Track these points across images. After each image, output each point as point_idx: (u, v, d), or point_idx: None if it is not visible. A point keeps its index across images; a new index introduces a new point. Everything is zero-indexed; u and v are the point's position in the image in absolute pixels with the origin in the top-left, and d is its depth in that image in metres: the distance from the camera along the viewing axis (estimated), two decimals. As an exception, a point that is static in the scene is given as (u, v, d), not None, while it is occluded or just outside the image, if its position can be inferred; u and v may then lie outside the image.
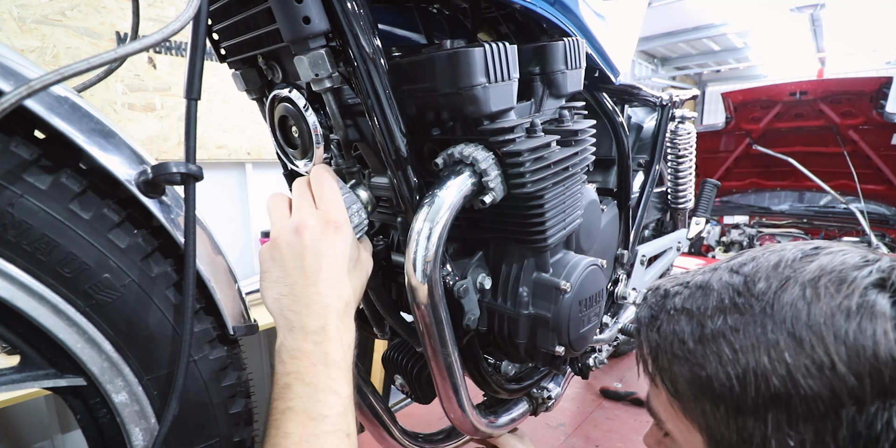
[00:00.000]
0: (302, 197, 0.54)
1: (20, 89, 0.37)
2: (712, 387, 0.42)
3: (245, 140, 1.85)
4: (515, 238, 0.66)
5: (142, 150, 0.49)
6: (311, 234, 0.51)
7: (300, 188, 0.56)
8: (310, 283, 0.50)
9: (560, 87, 0.65)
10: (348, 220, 0.54)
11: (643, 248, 1.18)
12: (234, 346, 0.58)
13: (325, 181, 0.55)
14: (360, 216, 0.56)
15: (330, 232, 0.52)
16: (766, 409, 0.39)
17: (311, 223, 0.51)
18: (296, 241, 0.51)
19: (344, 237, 0.52)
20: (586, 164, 0.68)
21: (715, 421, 0.42)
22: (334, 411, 0.47)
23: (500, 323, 0.70)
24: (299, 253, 0.51)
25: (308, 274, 0.50)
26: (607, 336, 1.01)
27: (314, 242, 0.51)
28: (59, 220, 0.43)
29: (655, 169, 1.18)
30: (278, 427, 0.46)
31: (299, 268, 0.51)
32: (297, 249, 0.51)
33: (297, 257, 0.51)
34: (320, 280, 0.50)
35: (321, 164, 0.57)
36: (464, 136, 0.58)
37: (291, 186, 0.73)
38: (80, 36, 1.42)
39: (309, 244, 0.51)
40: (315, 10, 0.48)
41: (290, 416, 0.46)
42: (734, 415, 0.41)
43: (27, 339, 0.46)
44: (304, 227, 0.51)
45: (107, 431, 0.50)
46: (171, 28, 0.42)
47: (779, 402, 0.39)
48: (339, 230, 0.52)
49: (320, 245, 0.51)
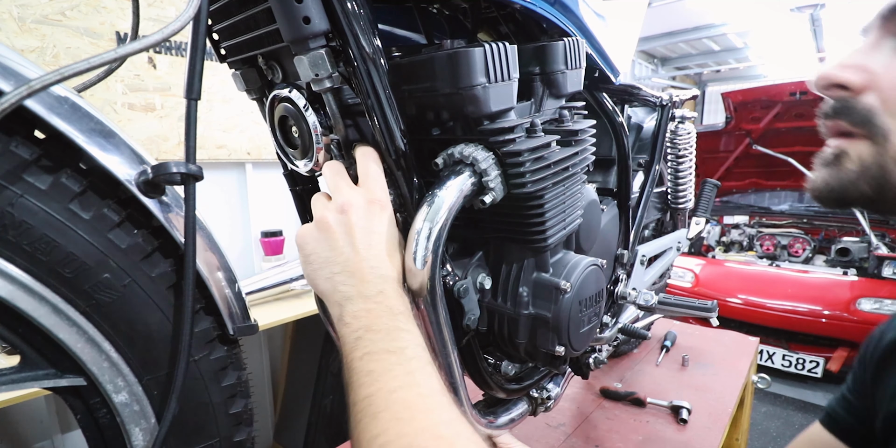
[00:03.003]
0: (339, 176, 0.54)
1: (20, 89, 0.37)
2: None
3: (245, 140, 1.85)
4: (515, 238, 0.66)
5: (142, 150, 0.49)
6: (358, 212, 0.51)
7: (335, 169, 0.55)
8: (362, 259, 0.50)
9: (560, 87, 0.65)
10: (388, 199, 0.54)
11: (643, 248, 1.18)
12: (234, 345, 0.58)
13: (371, 161, 0.55)
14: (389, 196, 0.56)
15: (376, 210, 0.52)
16: None
17: (357, 201, 0.51)
18: (343, 220, 0.51)
19: (389, 215, 0.53)
20: (586, 164, 0.68)
21: None
22: (411, 343, 0.46)
23: (500, 323, 0.70)
24: (348, 231, 0.50)
25: (359, 250, 0.50)
26: (607, 336, 1.01)
27: (361, 221, 0.50)
28: (60, 220, 0.43)
29: (655, 169, 1.18)
30: (360, 370, 0.44)
31: (350, 245, 0.50)
32: (346, 227, 0.50)
33: (346, 235, 0.50)
34: (371, 255, 0.50)
35: (366, 146, 0.57)
36: (464, 136, 0.58)
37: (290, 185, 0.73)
38: (80, 36, 1.42)
39: (356, 222, 0.50)
40: (315, 10, 0.48)
41: (368, 358, 0.44)
42: None
43: (27, 339, 0.46)
44: (349, 206, 0.51)
45: (107, 431, 0.50)
46: (171, 28, 0.42)
47: None
48: (385, 208, 0.52)
49: (368, 223, 0.51)
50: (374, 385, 0.42)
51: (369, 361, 0.43)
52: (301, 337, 2.12)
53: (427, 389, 0.42)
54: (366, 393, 0.42)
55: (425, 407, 0.40)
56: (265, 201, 1.96)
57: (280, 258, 1.88)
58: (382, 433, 0.38)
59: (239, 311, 0.58)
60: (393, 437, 0.38)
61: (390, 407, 0.40)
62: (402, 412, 0.39)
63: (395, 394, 0.41)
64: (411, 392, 0.41)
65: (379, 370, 0.43)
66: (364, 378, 0.43)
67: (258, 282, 1.61)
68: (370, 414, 0.40)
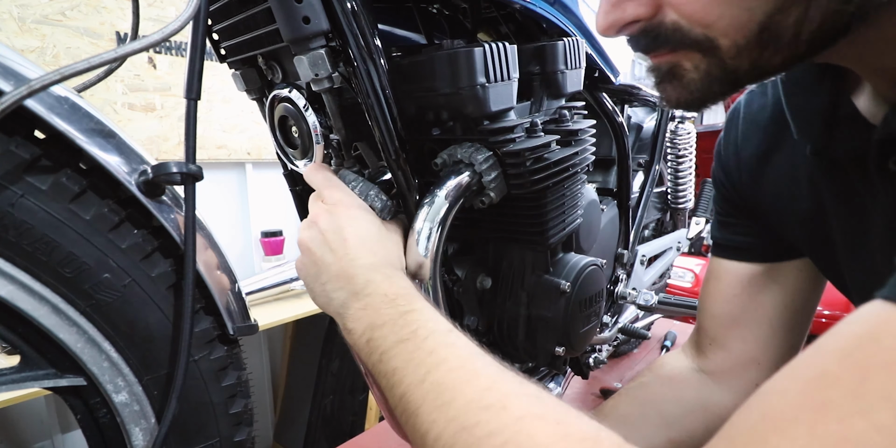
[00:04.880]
0: (313, 203, 0.55)
1: (20, 89, 0.37)
2: None
3: (245, 140, 1.85)
4: (515, 238, 0.66)
5: (142, 150, 0.49)
6: (324, 221, 0.50)
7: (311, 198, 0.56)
8: (340, 257, 0.48)
9: (560, 87, 0.65)
10: (353, 198, 0.53)
11: (643, 247, 1.18)
12: (234, 345, 0.58)
13: (313, 176, 0.55)
14: (381, 199, 0.56)
15: (340, 210, 0.50)
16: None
17: (320, 212, 0.51)
18: (315, 234, 0.50)
19: (351, 210, 0.51)
20: (586, 163, 0.68)
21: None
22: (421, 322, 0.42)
23: (500, 323, 0.70)
24: (322, 240, 0.50)
25: (335, 250, 0.48)
26: (607, 336, 1.01)
27: (330, 226, 0.50)
28: (60, 220, 0.43)
29: (655, 169, 1.18)
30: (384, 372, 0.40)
31: (327, 251, 0.49)
32: (319, 238, 0.50)
33: (322, 244, 0.49)
34: (349, 250, 0.48)
35: (312, 165, 0.57)
36: (464, 136, 0.58)
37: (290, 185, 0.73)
38: (80, 36, 1.42)
39: (325, 228, 0.50)
40: (315, 10, 0.48)
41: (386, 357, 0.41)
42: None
43: (27, 339, 0.46)
44: (316, 219, 0.51)
45: (107, 431, 0.50)
46: (171, 28, 0.42)
47: None
48: (348, 206, 0.51)
49: (336, 225, 0.50)
50: (404, 381, 0.38)
51: (389, 360, 0.40)
52: (301, 337, 2.12)
53: (456, 362, 0.37)
54: (399, 393, 0.38)
55: (461, 381, 0.36)
56: (265, 201, 1.96)
57: (280, 258, 1.88)
58: (431, 427, 0.34)
59: (239, 311, 0.58)
60: (442, 426, 0.34)
61: (427, 397, 0.36)
62: (440, 397, 0.35)
63: (425, 382, 0.37)
64: (440, 372, 0.37)
65: (401, 364, 0.39)
66: (391, 378, 0.39)
67: (258, 282, 1.61)
68: (411, 412, 0.36)
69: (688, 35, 0.35)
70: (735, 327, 0.64)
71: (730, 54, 0.35)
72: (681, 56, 0.37)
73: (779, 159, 0.56)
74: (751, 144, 0.59)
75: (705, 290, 0.68)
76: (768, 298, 0.63)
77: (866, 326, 0.26)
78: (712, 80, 0.37)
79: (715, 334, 0.66)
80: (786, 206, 0.56)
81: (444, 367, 0.37)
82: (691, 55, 0.37)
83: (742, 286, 0.64)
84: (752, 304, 0.63)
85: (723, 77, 0.37)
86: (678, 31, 0.35)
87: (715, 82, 0.37)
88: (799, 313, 0.63)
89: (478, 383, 0.35)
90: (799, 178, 0.53)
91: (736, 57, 0.35)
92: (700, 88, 0.38)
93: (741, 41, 0.34)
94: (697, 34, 0.35)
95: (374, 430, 1.17)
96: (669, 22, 0.35)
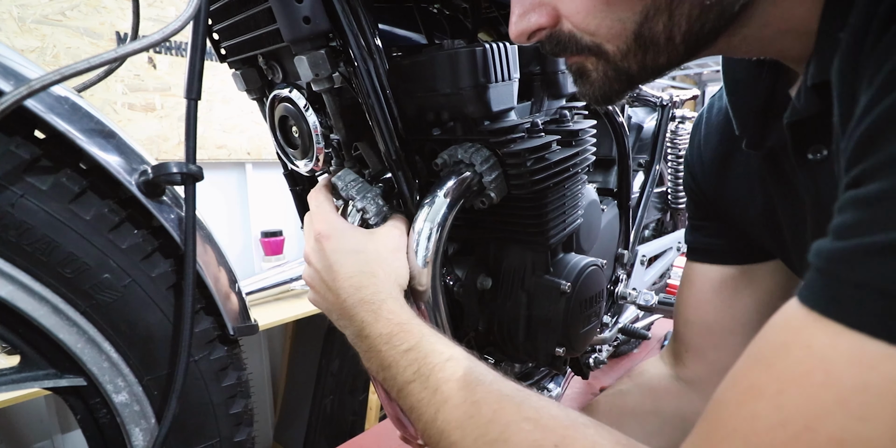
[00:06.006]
0: (306, 232, 0.56)
1: (20, 89, 0.37)
2: None
3: (245, 140, 1.85)
4: (516, 238, 0.66)
5: (142, 150, 0.49)
6: (314, 257, 0.52)
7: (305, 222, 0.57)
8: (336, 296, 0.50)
9: (560, 87, 0.65)
10: (335, 226, 0.53)
11: (643, 248, 1.18)
12: (235, 346, 0.58)
13: (310, 200, 0.57)
14: (376, 204, 0.56)
15: (324, 245, 0.51)
16: None
17: (310, 248, 0.53)
18: (312, 271, 0.53)
19: (333, 241, 0.51)
20: (587, 164, 0.68)
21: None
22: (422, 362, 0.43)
23: (501, 323, 0.70)
24: (319, 278, 0.52)
25: (332, 289, 0.50)
26: (607, 336, 1.01)
27: (319, 261, 0.51)
28: (60, 221, 0.43)
29: (656, 169, 1.18)
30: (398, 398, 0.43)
31: (327, 290, 0.51)
32: (316, 276, 0.52)
33: (320, 283, 0.52)
34: (339, 289, 0.49)
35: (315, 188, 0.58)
36: (464, 137, 0.58)
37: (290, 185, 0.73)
38: (80, 36, 1.42)
39: (318, 265, 0.52)
40: (315, 9, 0.48)
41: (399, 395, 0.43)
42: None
43: (27, 340, 0.46)
44: (308, 256, 0.53)
45: (107, 431, 0.50)
46: (171, 28, 0.42)
47: None
48: (328, 238, 0.52)
49: (325, 262, 0.51)
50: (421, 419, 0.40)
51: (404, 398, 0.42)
52: (301, 337, 2.12)
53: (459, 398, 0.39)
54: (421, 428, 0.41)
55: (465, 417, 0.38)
56: (265, 201, 1.96)
57: (280, 258, 1.88)
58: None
59: (239, 311, 0.58)
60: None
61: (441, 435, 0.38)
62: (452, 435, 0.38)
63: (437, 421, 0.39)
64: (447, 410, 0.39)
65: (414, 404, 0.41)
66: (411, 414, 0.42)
67: (258, 282, 1.61)
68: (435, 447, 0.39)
69: (581, 41, 0.40)
70: (710, 335, 0.63)
71: (617, 58, 0.39)
72: (583, 58, 0.42)
73: (736, 160, 0.57)
74: (711, 147, 0.60)
75: (680, 297, 0.68)
76: (743, 302, 0.61)
77: (782, 335, 0.28)
78: (610, 80, 0.41)
79: (690, 342, 0.65)
80: (745, 206, 0.57)
81: (450, 404, 0.39)
82: (590, 58, 0.41)
83: (716, 290, 0.63)
84: (727, 310, 0.62)
85: (618, 77, 0.41)
86: (573, 38, 0.40)
87: (613, 81, 0.41)
88: None
89: (480, 417, 0.37)
90: (752, 176, 0.55)
91: (623, 59, 0.39)
92: (602, 86, 0.42)
93: (623, 46, 0.38)
94: (588, 41, 0.39)
95: (374, 430, 1.17)
96: (566, 30, 0.40)
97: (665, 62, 0.39)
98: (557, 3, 0.39)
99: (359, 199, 0.55)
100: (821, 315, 0.25)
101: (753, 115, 0.47)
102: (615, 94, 0.43)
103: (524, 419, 0.36)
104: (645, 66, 0.39)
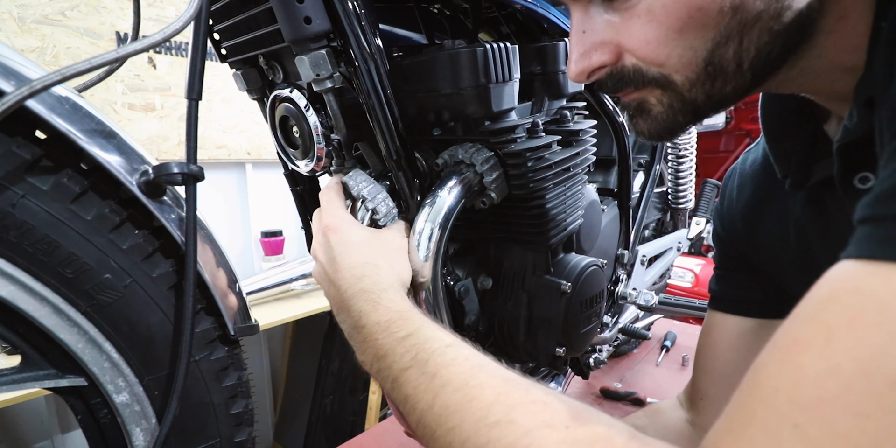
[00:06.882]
0: (315, 228, 0.56)
1: (21, 90, 0.37)
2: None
3: (245, 140, 1.85)
4: (516, 238, 0.66)
5: (143, 150, 0.49)
6: (321, 251, 0.52)
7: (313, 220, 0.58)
8: (337, 289, 0.50)
9: (561, 88, 0.65)
10: (343, 220, 0.53)
11: (643, 248, 1.18)
12: (235, 346, 0.58)
13: (321, 197, 0.57)
14: (386, 205, 0.56)
15: (331, 238, 0.52)
16: None
17: (317, 242, 0.53)
18: (318, 267, 0.53)
19: (339, 234, 0.52)
20: (587, 164, 0.68)
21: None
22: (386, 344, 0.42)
23: (501, 323, 0.70)
24: (323, 272, 0.52)
25: (333, 282, 0.50)
26: (608, 336, 1.01)
27: (324, 255, 0.52)
28: (61, 221, 0.43)
29: (656, 169, 1.18)
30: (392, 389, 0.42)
31: (330, 284, 0.51)
32: (321, 270, 0.53)
33: (324, 277, 0.52)
34: (341, 280, 0.49)
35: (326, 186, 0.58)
36: (465, 137, 0.58)
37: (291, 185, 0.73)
38: (81, 36, 1.42)
39: (323, 259, 0.52)
40: (316, 10, 0.48)
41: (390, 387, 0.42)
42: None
43: (28, 340, 0.46)
44: (315, 250, 0.54)
45: (107, 432, 0.50)
46: (172, 28, 0.42)
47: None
48: (335, 231, 0.52)
49: (329, 255, 0.51)
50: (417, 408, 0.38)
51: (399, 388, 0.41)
52: (301, 337, 2.12)
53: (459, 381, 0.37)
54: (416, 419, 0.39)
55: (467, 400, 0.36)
56: (265, 201, 1.96)
57: (280, 258, 1.87)
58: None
59: (239, 311, 0.58)
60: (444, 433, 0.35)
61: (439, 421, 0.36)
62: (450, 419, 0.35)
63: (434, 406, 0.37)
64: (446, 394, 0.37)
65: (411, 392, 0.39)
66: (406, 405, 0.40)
67: (258, 282, 1.61)
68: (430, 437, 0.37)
69: (646, 74, 0.40)
70: (727, 385, 0.62)
71: (685, 88, 0.39)
72: (645, 93, 0.42)
73: (770, 209, 0.57)
74: (744, 196, 0.61)
75: (700, 345, 0.68)
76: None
77: (827, 288, 0.27)
78: (675, 112, 0.41)
79: (707, 391, 0.65)
80: (779, 254, 0.57)
81: (450, 388, 0.37)
82: (654, 91, 0.41)
83: (736, 341, 0.63)
84: (744, 363, 0.61)
85: (684, 108, 0.41)
86: (638, 71, 0.40)
87: (678, 113, 0.41)
88: None
89: (483, 400, 0.35)
90: (786, 223, 0.55)
91: (691, 90, 0.39)
92: (666, 120, 0.42)
93: (692, 75, 0.38)
94: (654, 73, 0.39)
95: (374, 430, 1.17)
96: (630, 65, 0.40)
97: (731, 92, 0.39)
98: (621, 40, 0.39)
99: (370, 199, 0.55)
100: (869, 260, 0.24)
101: (797, 157, 0.48)
102: (679, 127, 0.43)
103: (531, 401, 0.34)
104: (711, 96, 0.39)
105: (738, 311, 0.63)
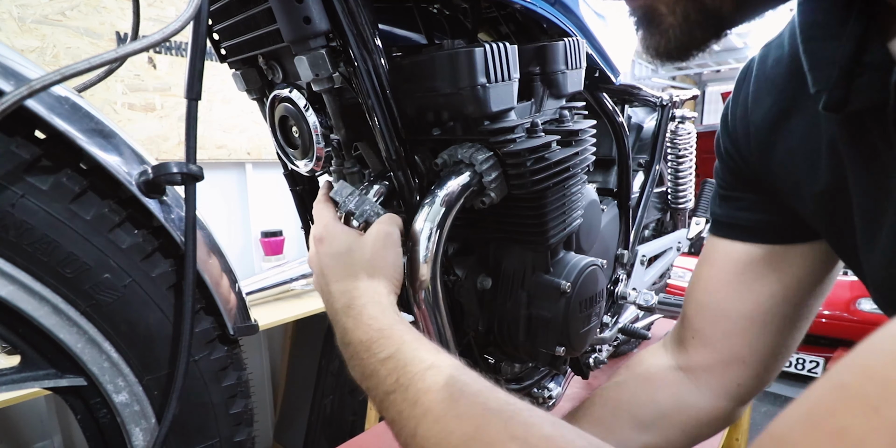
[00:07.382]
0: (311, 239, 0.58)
1: (21, 89, 0.37)
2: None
3: (245, 140, 1.85)
4: (516, 238, 0.66)
5: (142, 150, 0.49)
6: (313, 261, 0.54)
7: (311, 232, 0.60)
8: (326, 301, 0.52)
9: (560, 87, 0.65)
10: (329, 231, 0.54)
11: (643, 248, 1.18)
12: (235, 346, 0.59)
13: (314, 211, 0.59)
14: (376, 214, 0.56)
15: (319, 249, 0.54)
16: None
17: (311, 253, 0.55)
18: (314, 278, 0.55)
19: (326, 245, 0.53)
20: (587, 164, 0.68)
21: None
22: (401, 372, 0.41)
23: (501, 323, 0.70)
24: (317, 283, 0.54)
25: (324, 293, 0.52)
26: (607, 336, 1.01)
27: (316, 267, 0.54)
28: (60, 221, 0.43)
29: (655, 169, 1.18)
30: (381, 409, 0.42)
31: (323, 294, 0.53)
32: (315, 281, 0.55)
33: (319, 289, 0.54)
34: (331, 294, 0.51)
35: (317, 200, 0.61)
36: (464, 137, 0.58)
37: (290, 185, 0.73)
38: (80, 36, 1.42)
39: (316, 270, 0.54)
40: (315, 10, 0.48)
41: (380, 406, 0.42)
42: None
43: (28, 340, 0.46)
44: (310, 261, 0.55)
45: (107, 431, 0.50)
46: (171, 28, 0.42)
47: None
48: (321, 242, 0.54)
49: (320, 267, 0.53)
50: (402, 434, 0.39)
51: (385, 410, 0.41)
52: (301, 337, 2.12)
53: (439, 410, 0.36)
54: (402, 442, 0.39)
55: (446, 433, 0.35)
56: (265, 201, 1.96)
57: (280, 258, 1.87)
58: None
59: (239, 311, 0.58)
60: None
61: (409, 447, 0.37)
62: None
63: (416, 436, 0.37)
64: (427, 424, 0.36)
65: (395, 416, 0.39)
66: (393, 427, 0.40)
67: (258, 282, 1.61)
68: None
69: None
70: (723, 320, 0.57)
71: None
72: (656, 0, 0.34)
73: (796, 123, 0.46)
74: (763, 106, 0.49)
75: (695, 276, 0.60)
76: (767, 288, 0.54)
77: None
78: (692, 25, 0.34)
79: (699, 326, 0.59)
80: (802, 180, 0.47)
81: (430, 417, 0.36)
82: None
83: (737, 271, 0.55)
84: (746, 294, 0.55)
85: (703, 20, 0.33)
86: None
87: (696, 27, 0.34)
88: (798, 308, 0.55)
89: (462, 433, 0.34)
90: (818, 145, 0.44)
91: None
92: (680, 34, 0.34)
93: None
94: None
95: (374, 430, 1.17)
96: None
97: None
98: None
99: (358, 214, 0.55)
100: None
101: (838, 68, 0.36)
102: (695, 45, 0.35)
103: (511, 438, 0.33)
104: (741, 4, 0.32)
105: (743, 237, 0.55)
